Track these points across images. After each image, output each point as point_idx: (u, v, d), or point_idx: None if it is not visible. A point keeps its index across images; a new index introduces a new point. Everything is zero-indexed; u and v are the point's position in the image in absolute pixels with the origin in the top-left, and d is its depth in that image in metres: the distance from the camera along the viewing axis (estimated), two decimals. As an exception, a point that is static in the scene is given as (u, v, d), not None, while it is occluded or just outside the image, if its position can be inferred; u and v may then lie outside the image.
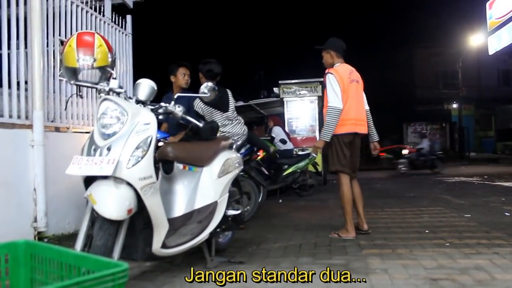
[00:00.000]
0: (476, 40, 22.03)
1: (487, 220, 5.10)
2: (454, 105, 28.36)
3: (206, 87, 3.23)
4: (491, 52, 13.86)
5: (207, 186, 3.22)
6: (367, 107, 4.70)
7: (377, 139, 4.81)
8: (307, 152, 8.78)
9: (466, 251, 3.63)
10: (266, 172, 6.81)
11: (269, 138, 8.94)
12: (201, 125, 3.11)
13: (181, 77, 4.96)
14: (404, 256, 3.53)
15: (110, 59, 2.92)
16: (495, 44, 13.55)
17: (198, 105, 4.77)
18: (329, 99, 4.39)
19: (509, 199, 7.03)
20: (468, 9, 22.82)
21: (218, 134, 3.64)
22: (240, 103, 11.61)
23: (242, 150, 5.33)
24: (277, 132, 9.09)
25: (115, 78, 2.88)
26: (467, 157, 25.19)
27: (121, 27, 6.25)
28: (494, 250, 3.63)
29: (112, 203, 2.39)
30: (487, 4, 13.99)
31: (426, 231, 4.49)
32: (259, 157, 6.14)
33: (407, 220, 5.26)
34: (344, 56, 4.63)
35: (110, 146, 2.53)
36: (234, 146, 3.71)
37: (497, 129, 28.97)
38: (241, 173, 5.41)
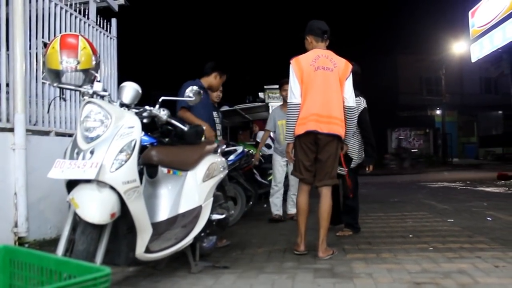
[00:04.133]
0: (459, 48, 22.40)
1: (469, 224, 5.15)
2: (438, 111, 28.73)
3: (191, 90, 3.21)
4: (473, 59, 14.09)
5: (192, 190, 3.20)
6: (351, 104, 3.85)
7: (348, 142, 4.18)
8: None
9: (449, 255, 3.66)
10: (260, 179, 6.74)
11: (254, 143, 8.93)
12: (185, 129, 3.09)
13: (220, 84, 4.82)
14: (388, 260, 3.54)
15: (94, 62, 2.90)
16: (477, 52, 13.79)
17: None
18: (288, 94, 3.94)
19: (491, 204, 7.13)
20: (451, 17, 23.22)
21: (203, 138, 3.63)
22: (226, 108, 11.61)
23: (232, 157, 5.34)
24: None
25: (99, 81, 2.85)
26: (450, 162, 25.53)
27: (106, 30, 6.20)
28: (476, 254, 3.66)
29: (95, 207, 2.36)
30: (470, 13, 14.24)
31: (410, 236, 4.52)
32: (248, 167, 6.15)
33: (391, 224, 5.29)
34: (329, 38, 3.98)
35: (93, 149, 2.50)
36: (219, 150, 3.69)
37: (479, 136, 29.41)
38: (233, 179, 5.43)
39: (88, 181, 2.44)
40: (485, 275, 3.06)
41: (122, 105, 2.84)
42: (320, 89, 3.74)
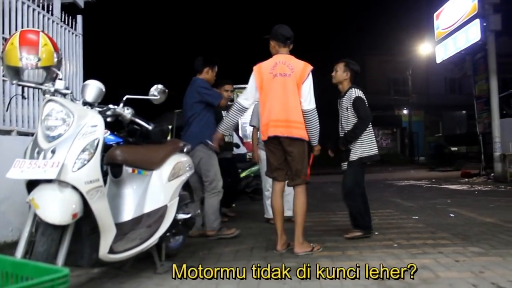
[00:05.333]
0: (425, 49, 22.91)
1: (433, 221, 5.29)
2: (405, 111, 29.35)
3: (156, 89, 3.18)
4: (438, 60, 14.42)
5: (157, 189, 3.17)
6: (307, 107, 3.88)
7: (315, 144, 4.17)
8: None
9: (413, 251, 3.75)
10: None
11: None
12: (150, 127, 3.05)
13: (213, 76, 4.96)
14: (353, 258, 3.60)
15: (56, 59, 2.84)
16: (442, 53, 14.11)
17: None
18: (243, 94, 4.09)
19: (454, 201, 7.34)
20: (417, 18, 23.71)
21: (168, 137, 3.60)
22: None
23: None
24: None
25: (61, 79, 2.79)
26: (416, 161, 26.11)
27: (71, 27, 6.08)
28: (439, 249, 3.77)
29: (56, 208, 2.31)
30: (434, 15, 14.56)
31: (376, 233, 4.60)
32: None
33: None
34: (293, 43, 4.04)
35: (54, 148, 2.45)
36: (185, 150, 3.66)
37: (445, 135, 30.15)
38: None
39: (49, 181, 2.39)
40: (446, 270, 3.15)
41: (85, 103, 2.80)
42: (277, 96, 3.85)
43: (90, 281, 3.13)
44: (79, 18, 6.32)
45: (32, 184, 2.45)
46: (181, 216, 3.37)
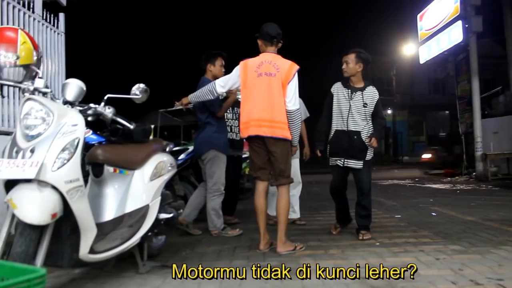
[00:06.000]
0: (409, 50, 23.15)
1: (415, 220, 5.35)
2: (389, 111, 29.60)
3: (137, 88, 3.16)
4: (421, 61, 14.61)
5: (139, 189, 3.15)
6: (292, 107, 3.84)
7: (295, 144, 4.13)
8: (244, 156, 8.77)
9: (394, 249, 3.79)
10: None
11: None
12: (132, 127, 3.03)
13: (219, 68, 4.87)
14: (336, 257, 3.62)
15: (35, 57, 2.81)
16: (425, 54, 14.30)
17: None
18: (221, 79, 4.14)
19: (436, 200, 7.45)
20: (401, 19, 23.98)
21: (151, 137, 3.58)
22: (179, 107, 11.46)
23: (183, 155, 5.28)
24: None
25: (41, 77, 2.76)
26: (400, 161, 26.36)
27: (53, 25, 6.00)
28: (420, 248, 3.81)
29: (35, 208, 2.28)
30: (418, 16, 14.75)
31: (358, 232, 4.62)
32: None
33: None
34: (280, 42, 4.02)
35: (33, 148, 2.42)
36: (167, 149, 3.65)
37: (428, 135, 30.51)
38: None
39: (28, 180, 2.36)
40: (426, 267, 3.20)
41: (66, 102, 2.77)
42: (261, 95, 3.83)
43: (71, 282, 3.09)
44: (62, 16, 6.23)
45: (10, 184, 2.42)
46: (163, 215, 3.35)
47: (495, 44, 21.45)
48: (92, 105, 2.92)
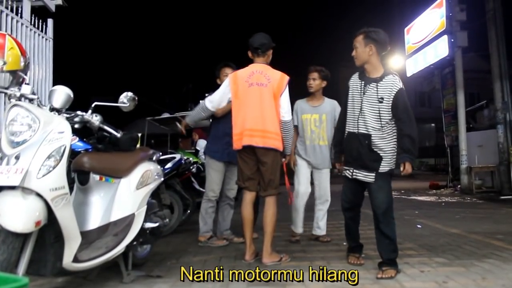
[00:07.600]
0: (396, 62, 23.36)
1: (400, 232, 5.31)
2: (376, 123, 29.75)
3: (125, 96, 3.14)
4: (408, 74, 14.75)
5: (125, 198, 3.12)
6: (287, 118, 3.86)
7: (289, 153, 4.18)
8: None
9: (379, 261, 3.79)
10: (198, 188, 6.60)
11: (194, 151, 8.86)
12: (119, 135, 3.02)
13: (224, 78, 4.68)
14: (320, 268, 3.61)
15: (22, 63, 2.77)
16: (412, 67, 14.46)
17: None
18: (212, 96, 4.13)
19: (421, 212, 7.49)
20: (389, 33, 24.20)
21: (138, 145, 3.56)
22: (166, 115, 11.43)
23: (169, 164, 5.26)
24: (202, 145, 8.96)
25: (28, 84, 2.73)
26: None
27: (41, 31, 5.97)
28: (405, 260, 3.83)
29: (18, 215, 2.25)
30: (405, 30, 14.94)
31: (344, 244, 4.62)
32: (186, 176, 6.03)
33: (327, 233, 5.39)
34: (264, 52, 3.97)
35: (19, 154, 2.39)
36: (154, 158, 3.63)
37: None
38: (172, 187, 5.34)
39: (12, 187, 2.33)
40: (411, 280, 3.22)
41: (53, 109, 2.75)
42: (253, 105, 3.84)
43: (53, 291, 3.06)
44: (50, 22, 6.21)
45: (-6, 191, 2.38)
46: (149, 225, 3.33)
47: (480, 59, 21.79)
48: (79, 112, 2.90)
